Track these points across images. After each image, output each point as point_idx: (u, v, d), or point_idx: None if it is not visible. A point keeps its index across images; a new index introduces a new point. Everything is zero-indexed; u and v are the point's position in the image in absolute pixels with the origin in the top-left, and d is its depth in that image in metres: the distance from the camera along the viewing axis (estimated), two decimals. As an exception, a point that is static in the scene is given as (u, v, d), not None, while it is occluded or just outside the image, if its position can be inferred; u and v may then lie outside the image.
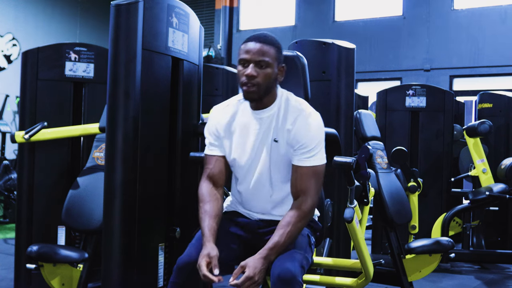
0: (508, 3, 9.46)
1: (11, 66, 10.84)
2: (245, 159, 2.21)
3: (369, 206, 3.25)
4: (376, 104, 5.44)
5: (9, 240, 5.71)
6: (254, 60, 2.09)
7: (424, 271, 3.49)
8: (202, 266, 1.99)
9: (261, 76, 2.10)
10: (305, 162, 2.13)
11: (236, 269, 2.02)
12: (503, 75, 9.46)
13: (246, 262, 2.01)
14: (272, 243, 2.04)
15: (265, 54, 2.09)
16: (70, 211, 2.90)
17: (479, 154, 5.02)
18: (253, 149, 2.19)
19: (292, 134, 2.13)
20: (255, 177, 2.21)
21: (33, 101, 3.50)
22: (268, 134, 2.18)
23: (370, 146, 3.70)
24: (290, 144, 2.14)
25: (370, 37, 10.39)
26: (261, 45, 2.10)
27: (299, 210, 2.10)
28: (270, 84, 2.13)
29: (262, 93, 2.12)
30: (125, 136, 2.38)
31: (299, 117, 2.14)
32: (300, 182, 2.12)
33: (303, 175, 2.12)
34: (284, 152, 2.16)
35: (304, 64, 2.60)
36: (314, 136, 2.13)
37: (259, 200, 2.24)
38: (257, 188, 2.22)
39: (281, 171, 2.19)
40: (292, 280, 1.94)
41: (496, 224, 5.42)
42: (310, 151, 2.12)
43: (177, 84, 2.67)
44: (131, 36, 2.37)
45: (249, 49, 2.10)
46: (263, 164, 2.19)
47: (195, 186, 2.81)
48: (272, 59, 2.11)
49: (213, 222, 2.12)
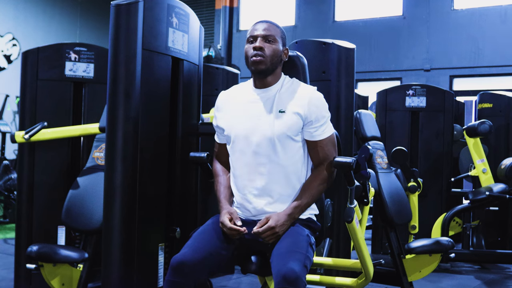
0: (508, 3, 9.46)
1: (11, 66, 10.85)
2: (243, 127, 2.29)
3: (369, 206, 3.25)
4: (376, 104, 5.44)
5: (9, 240, 5.72)
6: (261, 35, 2.28)
7: (424, 271, 3.49)
8: (225, 222, 2.19)
9: (268, 49, 2.27)
10: (323, 135, 2.29)
11: (261, 220, 2.18)
12: (503, 75, 9.46)
13: (270, 215, 2.19)
14: (296, 202, 2.23)
15: (272, 31, 2.29)
16: (70, 211, 2.90)
17: (479, 154, 5.02)
18: (252, 119, 2.28)
19: (306, 109, 2.25)
20: (253, 149, 2.25)
21: (33, 101, 3.51)
22: (271, 108, 2.27)
23: (370, 146, 3.70)
24: (302, 117, 2.25)
25: (370, 37, 10.39)
26: (268, 24, 2.30)
27: (321, 174, 2.29)
28: (276, 59, 2.29)
29: (269, 65, 2.27)
30: (125, 136, 2.38)
31: (308, 94, 2.28)
32: (321, 152, 2.29)
33: (323, 147, 2.29)
34: (290, 123, 2.24)
35: (304, 64, 2.60)
36: (326, 110, 2.31)
37: (256, 177, 2.26)
38: (255, 161, 2.25)
39: (282, 143, 2.24)
40: (297, 280, 1.95)
41: (496, 224, 5.42)
42: (325, 123, 2.29)
43: (177, 84, 2.67)
44: (131, 36, 2.37)
45: (257, 27, 2.30)
46: (263, 135, 2.24)
47: (195, 186, 2.83)
48: (278, 37, 2.30)
49: (227, 192, 2.36)
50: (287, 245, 2.11)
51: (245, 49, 2.32)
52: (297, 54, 2.60)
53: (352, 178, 2.29)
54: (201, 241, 2.16)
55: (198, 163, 2.56)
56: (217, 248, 2.16)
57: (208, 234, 2.21)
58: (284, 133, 2.24)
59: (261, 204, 2.27)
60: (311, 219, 2.31)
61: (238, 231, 2.17)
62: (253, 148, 2.26)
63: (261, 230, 2.14)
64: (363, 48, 10.12)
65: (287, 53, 2.38)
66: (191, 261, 2.06)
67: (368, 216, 4.57)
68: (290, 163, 2.27)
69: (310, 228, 2.29)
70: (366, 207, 3.21)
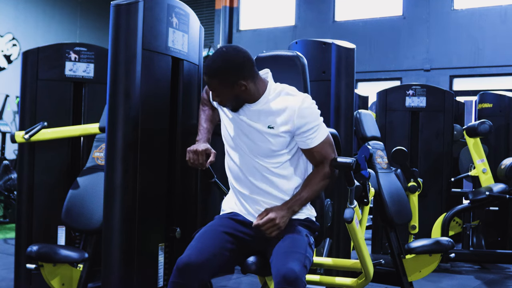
0: (508, 3, 9.46)
1: (11, 66, 10.85)
2: (234, 143, 2.30)
3: (369, 206, 3.25)
4: (376, 104, 5.44)
5: (9, 240, 5.72)
6: (211, 90, 2.24)
7: (424, 271, 3.49)
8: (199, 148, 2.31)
9: (222, 97, 2.22)
10: (315, 141, 2.25)
11: (261, 212, 2.20)
12: (503, 75, 9.46)
13: (271, 208, 2.20)
14: (297, 195, 2.24)
15: (212, 87, 2.21)
16: (70, 211, 2.90)
17: (479, 154, 5.02)
18: (241, 137, 2.26)
19: (295, 123, 2.20)
20: (244, 166, 2.28)
21: (33, 101, 3.51)
22: (260, 122, 2.23)
23: (370, 146, 3.70)
24: (290, 132, 2.21)
25: (370, 37, 10.39)
26: (208, 79, 2.20)
27: (322, 171, 2.28)
28: (236, 97, 2.21)
29: (234, 104, 2.23)
30: (125, 136, 2.38)
31: (296, 106, 2.20)
32: (318, 156, 2.27)
33: (319, 150, 2.26)
34: (278, 141, 2.22)
35: (304, 64, 2.60)
36: (315, 118, 2.24)
37: (247, 190, 2.28)
38: (245, 156, 2.28)
39: (270, 158, 2.25)
40: (297, 280, 1.95)
41: (496, 224, 5.42)
42: (316, 131, 2.24)
43: (177, 84, 2.67)
44: (131, 36, 2.37)
45: (206, 82, 2.23)
46: (249, 152, 2.25)
47: (195, 186, 2.83)
48: (217, 89, 2.19)
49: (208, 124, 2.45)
50: (287, 245, 2.11)
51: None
52: (297, 54, 2.60)
53: (352, 179, 2.29)
54: (204, 242, 2.16)
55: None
56: (221, 249, 2.16)
57: (211, 235, 2.21)
58: (270, 149, 2.23)
59: (253, 211, 2.30)
60: (309, 219, 2.31)
61: (203, 162, 2.28)
62: (244, 165, 2.28)
63: (261, 223, 2.15)
64: (363, 48, 10.12)
65: (246, 86, 2.18)
66: (196, 262, 2.07)
67: (368, 216, 4.57)
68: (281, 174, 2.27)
69: (309, 228, 2.29)
70: (366, 207, 3.21)
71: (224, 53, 2.17)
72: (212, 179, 2.52)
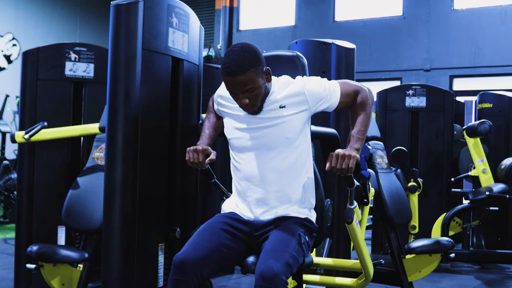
0: (508, 3, 9.46)
1: (11, 66, 10.85)
2: (243, 141, 2.28)
3: (369, 206, 3.25)
4: (376, 104, 5.45)
5: (9, 240, 5.72)
6: (240, 91, 2.16)
7: (424, 271, 3.49)
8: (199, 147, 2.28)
9: (253, 99, 2.17)
10: (336, 96, 2.26)
11: (328, 158, 2.13)
12: (503, 75, 9.46)
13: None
14: (353, 132, 2.22)
15: (247, 82, 2.13)
16: (70, 211, 2.90)
17: (479, 154, 5.02)
18: (252, 134, 2.25)
19: (307, 101, 2.22)
20: (255, 151, 2.26)
21: (33, 101, 3.51)
22: (269, 113, 2.23)
23: (370, 146, 3.70)
24: (308, 109, 2.24)
25: (370, 37, 10.39)
26: (238, 77, 2.12)
27: (359, 99, 2.27)
28: (264, 93, 2.21)
29: (260, 104, 2.22)
30: (125, 136, 2.38)
31: (299, 85, 2.23)
32: (348, 97, 2.28)
33: (344, 96, 2.27)
34: (290, 124, 2.21)
35: (304, 64, 2.60)
36: (320, 83, 2.25)
37: (259, 170, 2.26)
38: (257, 156, 2.26)
39: (282, 148, 2.23)
40: (274, 278, 1.95)
41: (496, 224, 5.42)
42: (329, 92, 2.25)
43: (177, 84, 2.67)
44: (131, 36, 2.37)
45: (229, 84, 2.16)
46: (262, 150, 2.24)
47: (195, 186, 2.83)
48: (255, 80, 2.14)
49: (211, 131, 2.43)
50: (272, 243, 2.11)
51: (227, 90, 2.22)
52: (297, 54, 2.60)
53: (352, 179, 2.29)
54: (202, 239, 2.16)
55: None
56: (218, 244, 2.16)
57: (210, 232, 2.21)
58: (285, 137, 2.23)
59: (258, 212, 2.28)
60: (309, 219, 2.30)
61: (202, 160, 2.26)
62: (255, 166, 2.27)
63: (333, 163, 2.09)
64: (363, 48, 10.11)
65: (269, 73, 2.22)
66: (193, 258, 2.07)
67: (368, 216, 4.57)
68: (289, 169, 2.26)
69: (306, 227, 2.27)
70: (366, 207, 3.21)
71: (240, 48, 2.16)
72: (212, 179, 2.52)
